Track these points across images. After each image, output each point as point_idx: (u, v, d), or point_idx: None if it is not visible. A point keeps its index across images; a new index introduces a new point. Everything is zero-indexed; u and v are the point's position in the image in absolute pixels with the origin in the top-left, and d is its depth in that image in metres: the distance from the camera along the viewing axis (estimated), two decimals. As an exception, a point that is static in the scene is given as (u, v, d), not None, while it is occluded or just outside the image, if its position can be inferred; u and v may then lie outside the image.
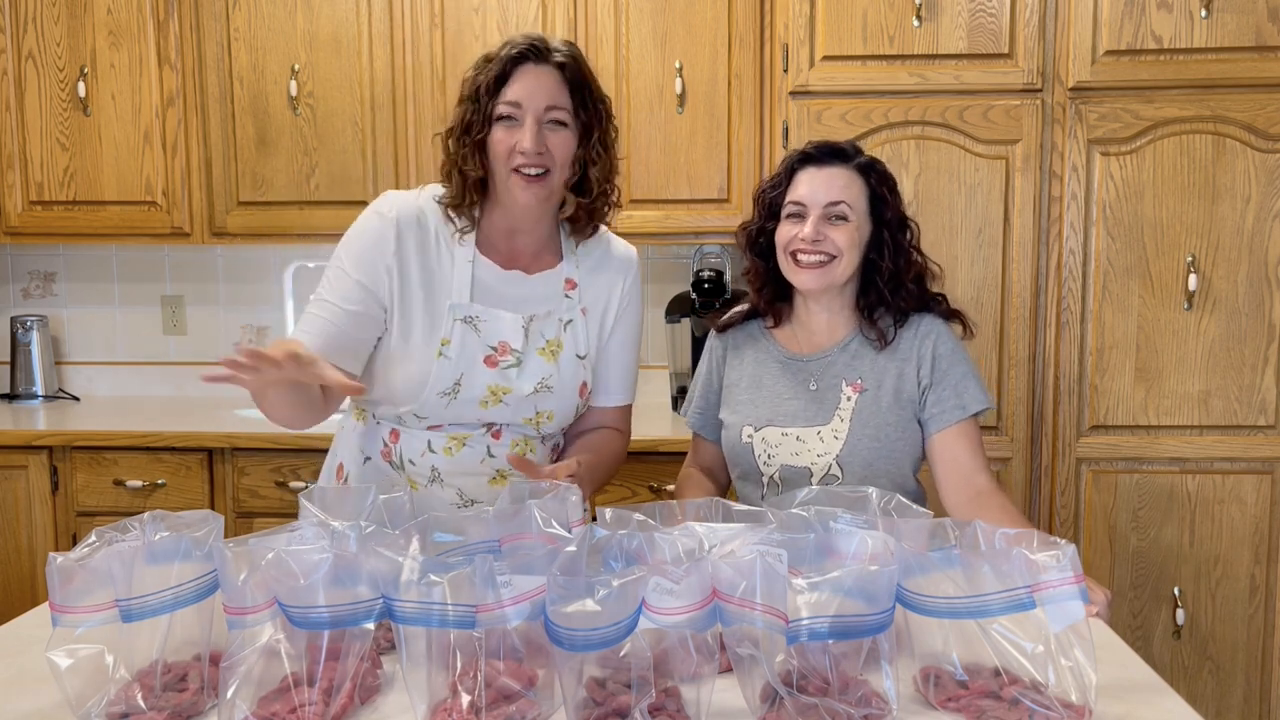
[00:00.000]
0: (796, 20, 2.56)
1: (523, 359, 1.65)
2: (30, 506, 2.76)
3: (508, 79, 1.56)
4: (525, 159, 1.56)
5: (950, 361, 1.72)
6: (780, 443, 1.73)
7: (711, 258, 2.91)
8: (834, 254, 1.69)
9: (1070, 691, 1.11)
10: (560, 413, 1.70)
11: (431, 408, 1.64)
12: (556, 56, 1.58)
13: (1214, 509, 2.59)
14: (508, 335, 1.64)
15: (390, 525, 1.27)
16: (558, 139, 1.58)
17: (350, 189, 2.87)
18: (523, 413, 1.67)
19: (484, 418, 1.66)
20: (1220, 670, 2.62)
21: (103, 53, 2.91)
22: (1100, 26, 2.51)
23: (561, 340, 1.69)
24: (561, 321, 1.70)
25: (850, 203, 1.69)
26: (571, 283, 1.73)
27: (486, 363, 1.63)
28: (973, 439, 1.71)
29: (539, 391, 1.66)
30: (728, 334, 1.87)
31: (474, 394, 1.63)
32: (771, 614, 1.04)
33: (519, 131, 1.56)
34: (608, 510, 1.26)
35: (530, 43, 1.57)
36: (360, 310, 1.61)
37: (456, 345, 1.62)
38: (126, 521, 1.20)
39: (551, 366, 1.67)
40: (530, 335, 1.66)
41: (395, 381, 1.64)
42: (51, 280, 3.35)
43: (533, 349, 1.66)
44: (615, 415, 1.84)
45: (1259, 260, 2.54)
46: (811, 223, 1.68)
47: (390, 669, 1.22)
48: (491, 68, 1.57)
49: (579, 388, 1.71)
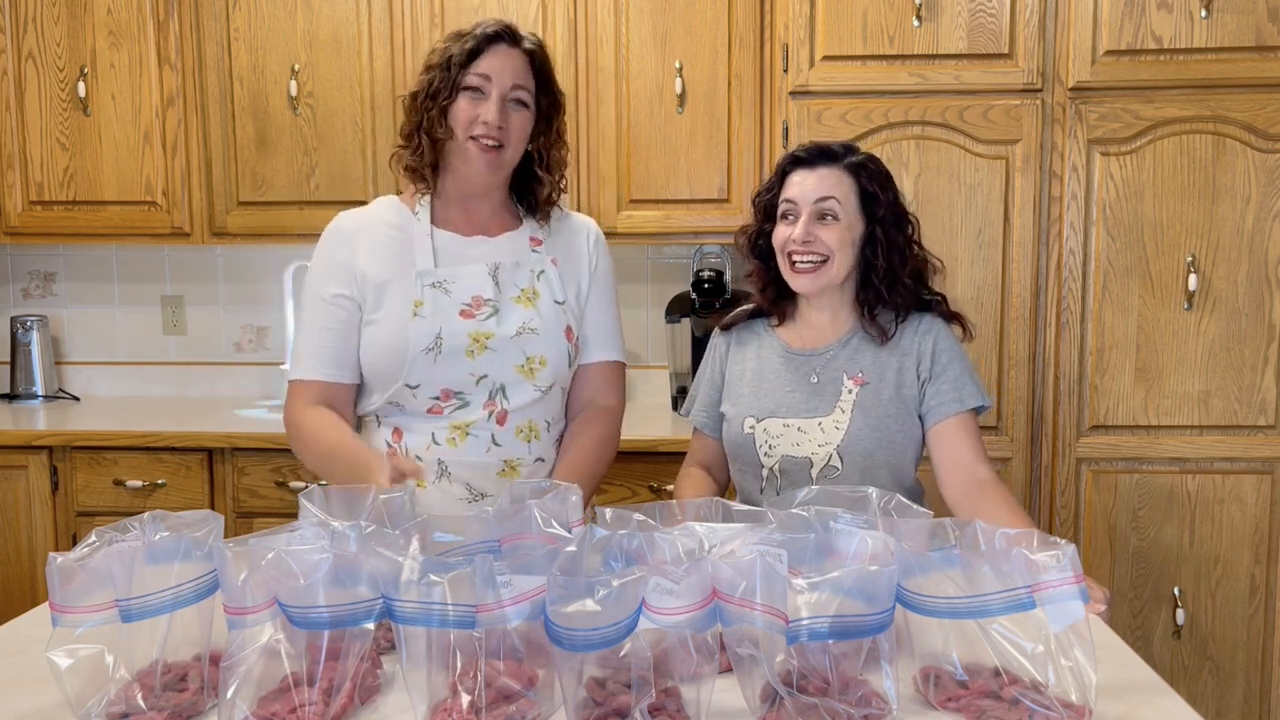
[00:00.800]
0: (796, 20, 2.56)
1: (499, 307, 1.69)
2: (30, 506, 2.76)
3: (480, 54, 1.66)
4: (486, 130, 1.66)
5: (950, 358, 1.75)
6: (782, 433, 1.74)
7: (711, 258, 2.91)
8: (826, 255, 1.71)
9: (1070, 691, 1.11)
10: (551, 357, 1.72)
11: (420, 369, 1.66)
12: (527, 43, 1.70)
13: (1214, 509, 2.59)
14: (477, 288, 1.69)
15: (390, 525, 1.27)
16: (518, 118, 1.68)
17: (350, 189, 2.87)
18: (512, 359, 1.69)
19: (474, 370, 1.68)
20: (1220, 670, 2.62)
21: (103, 53, 2.91)
22: (1100, 26, 2.51)
23: (536, 288, 1.73)
24: (533, 271, 1.74)
25: (839, 200, 1.71)
26: (537, 240, 1.78)
27: (462, 315, 1.68)
28: (972, 431, 1.73)
29: (523, 334, 1.69)
30: (731, 331, 1.90)
31: (457, 344, 1.66)
32: (771, 614, 1.04)
33: (483, 104, 1.66)
34: (608, 510, 1.26)
35: (504, 26, 1.68)
36: (345, 317, 1.70)
37: (429, 306, 1.67)
38: (126, 521, 1.20)
39: (531, 311, 1.71)
40: (501, 285, 1.71)
41: (378, 350, 1.68)
42: (51, 280, 3.35)
43: (507, 298, 1.71)
44: (604, 377, 1.83)
45: (1259, 260, 2.54)
46: (802, 223, 1.71)
47: (390, 669, 1.22)
48: (465, 41, 1.66)
49: (564, 331, 1.74)
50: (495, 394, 1.70)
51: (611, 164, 2.84)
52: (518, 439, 1.72)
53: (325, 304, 1.71)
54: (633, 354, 3.25)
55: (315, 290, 1.73)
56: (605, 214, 2.85)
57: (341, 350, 1.70)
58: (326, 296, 1.71)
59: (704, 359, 1.94)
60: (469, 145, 1.67)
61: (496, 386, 1.70)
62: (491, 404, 1.70)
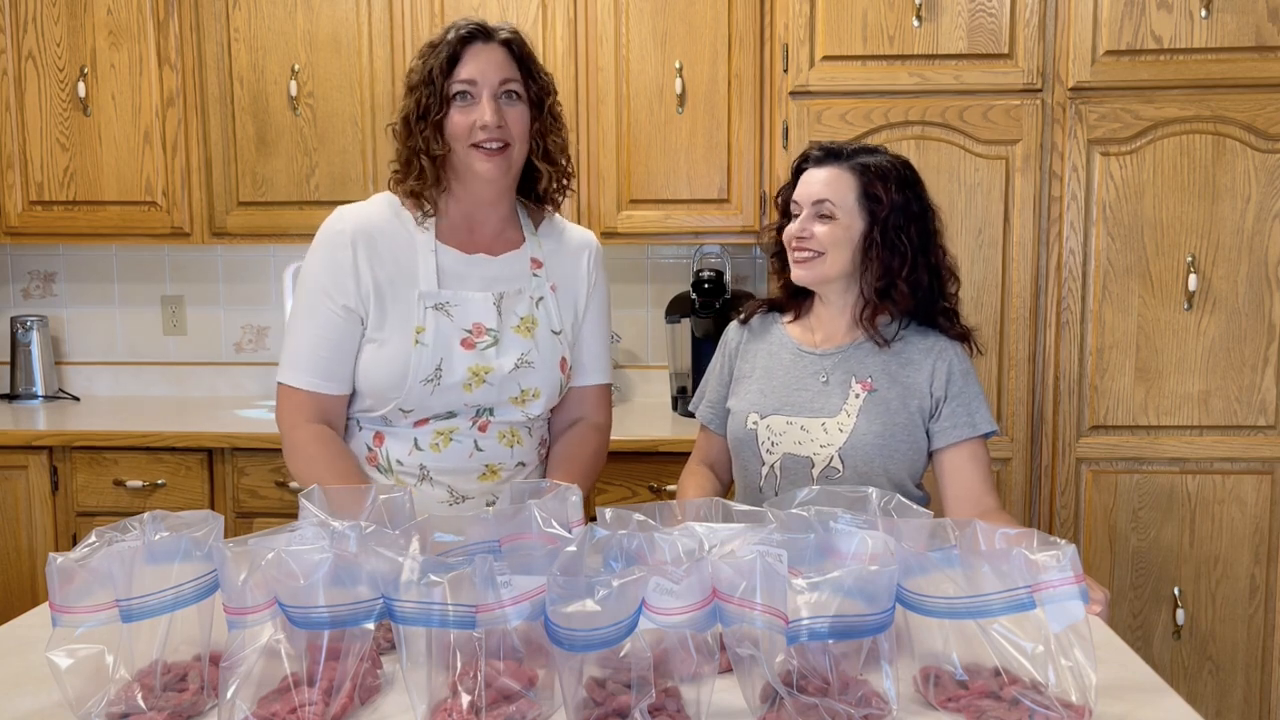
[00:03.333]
0: (796, 20, 2.56)
1: (499, 337, 1.67)
2: (30, 506, 2.76)
3: (459, 59, 1.61)
4: (486, 134, 1.61)
5: (965, 381, 1.75)
6: (785, 431, 1.75)
7: (711, 258, 2.91)
8: (819, 250, 1.72)
9: (1070, 691, 1.11)
10: (545, 389, 1.72)
11: (416, 397, 1.65)
12: (501, 34, 1.64)
13: (1214, 509, 2.59)
14: (480, 316, 1.67)
15: (390, 525, 1.27)
16: (515, 113, 1.64)
17: (350, 189, 2.87)
18: (507, 392, 1.68)
19: (469, 401, 1.67)
20: (1220, 670, 2.62)
21: (103, 53, 2.91)
22: (1100, 26, 2.51)
23: (535, 317, 1.72)
24: (533, 299, 1.72)
25: (835, 200, 1.71)
26: (537, 262, 1.75)
27: (463, 345, 1.66)
28: (982, 460, 1.73)
29: (520, 368, 1.68)
30: (746, 323, 1.91)
31: (456, 378, 1.65)
32: (771, 614, 1.04)
33: (476, 109, 1.61)
34: (608, 510, 1.26)
35: (474, 24, 1.63)
36: (346, 329, 1.66)
37: (431, 332, 1.64)
38: (126, 521, 1.19)
39: (529, 342, 1.70)
40: (503, 313, 1.69)
41: (378, 376, 1.66)
42: (51, 280, 3.35)
43: (508, 327, 1.69)
44: (594, 398, 1.84)
45: (1259, 260, 2.54)
46: (799, 220, 1.73)
47: (390, 669, 1.22)
48: (440, 51, 1.61)
49: (559, 363, 1.73)
50: (483, 413, 1.71)
51: (611, 164, 2.84)
52: (500, 443, 1.72)
53: (326, 312, 1.66)
54: (632, 354, 3.25)
55: (315, 293, 1.67)
56: (605, 214, 2.85)
57: (340, 363, 1.67)
58: (329, 304, 1.65)
59: (715, 354, 1.94)
60: (472, 154, 1.62)
61: (486, 409, 1.70)
62: (477, 418, 1.71)
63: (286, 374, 1.70)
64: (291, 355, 1.69)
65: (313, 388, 1.67)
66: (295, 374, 1.68)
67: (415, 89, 1.63)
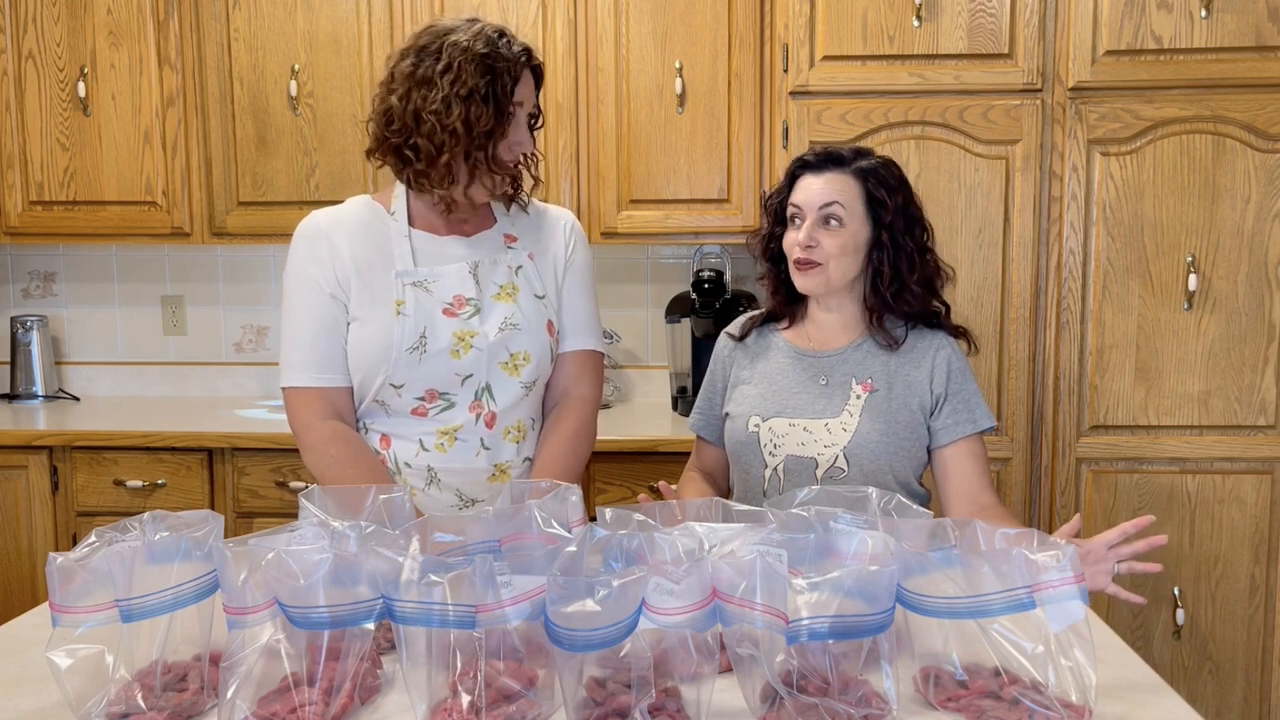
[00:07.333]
0: (796, 20, 2.56)
1: (480, 305, 1.69)
2: (30, 506, 2.76)
3: (518, 81, 1.64)
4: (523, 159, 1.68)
5: (963, 378, 1.75)
6: (788, 433, 1.74)
7: (711, 258, 2.91)
8: (826, 259, 1.71)
9: (1070, 691, 1.11)
10: (535, 352, 1.72)
11: (405, 369, 1.65)
12: (534, 59, 1.69)
13: (1214, 509, 2.59)
14: (459, 288, 1.68)
15: (390, 525, 1.27)
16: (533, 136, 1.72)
17: (350, 189, 2.87)
18: (497, 356, 1.69)
19: (459, 370, 1.67)
20: (1220, 670, 2.62)
21: (103, 53, 2.91)
22: (1100, 26, 2.51)
23: (515, 284, 1.73)
24: (510, 268, 1.74)
25: (844, 205, 1.70)
26: (511, 237, 1.77)
27: (445, 314, 1.67)
28: (980, 456, 1.74)
29: (505, 330, 1.69)
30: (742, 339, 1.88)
31: (441, 344, 1.66)
32: (771, 614, 1.04)
33: (520, 130, 1.66)
34: (608, 510, 1.26)
35: (525, 48, 1.67)
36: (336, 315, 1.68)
37: (411, 305, 1.66)
38: (126, 521, 1.20)
39: (512, 306, 1.71)
40: (481, 283, 1.70)
41: (364, 351, 1.66)
42: (51, 280, 3.35)
43: (487, 295, 1.70)
44: (577, 365, 1.81)
45: (1259, 260, 2.54)
46: (805, 228, 1.71)
47: (390, 669, 1.22)
48: (502, 68, 1.61)
49: (545, 325, 1.74)
50: (481, 394, 1.70)
51: (611, 164, 2.84)
52: (506, 440, 1.72)
53: (315, 301, 1.67)
54: (633, 354, 3.25)
55: (301, 286, 1.68)
56: (605, 214, 2.85)
57: (338, 353, 1.68)
58: (316, 293, 1.67)
59: (709, 365, 1.93)
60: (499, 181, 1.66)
61: (482, 385, 1.70)
62: (478, 405, 1.70)
63: (289, 376, 1.70)
64: (290, 355, 1.70)
65: (318, 383, 1.68)
66: (298, 373, 1.69)
67: (468, 98, 1.58)
